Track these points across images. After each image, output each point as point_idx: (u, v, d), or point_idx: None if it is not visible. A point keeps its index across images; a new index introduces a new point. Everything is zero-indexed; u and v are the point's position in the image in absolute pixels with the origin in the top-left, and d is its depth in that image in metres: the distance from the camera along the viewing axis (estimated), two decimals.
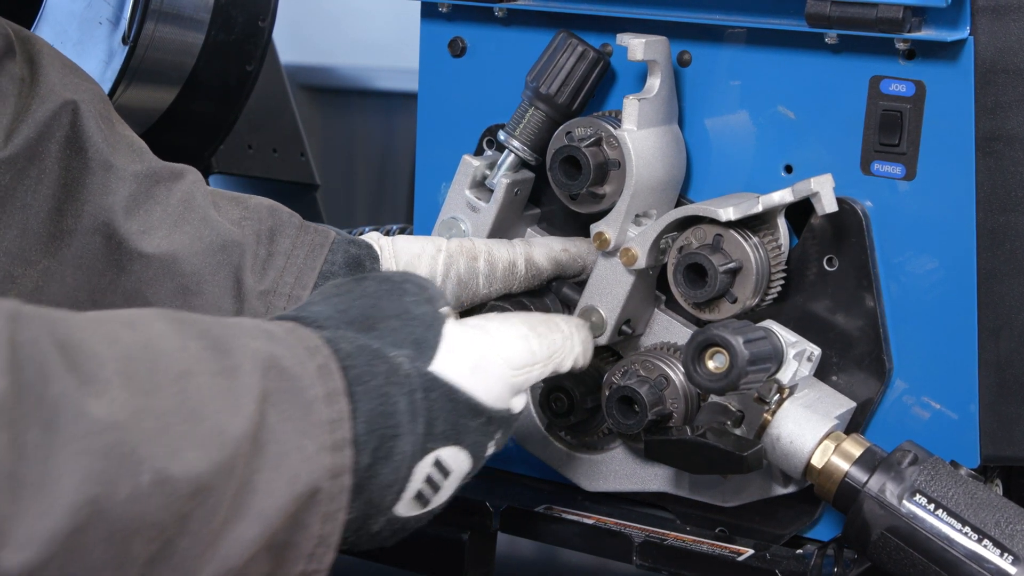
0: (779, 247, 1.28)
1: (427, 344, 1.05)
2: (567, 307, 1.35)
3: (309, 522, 0.96)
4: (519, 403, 1.11)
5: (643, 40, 1.28)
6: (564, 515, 1.35)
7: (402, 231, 1.61)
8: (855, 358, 1.29)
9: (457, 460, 1.05)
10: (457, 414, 1.05)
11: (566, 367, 1.16)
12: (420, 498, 1.04)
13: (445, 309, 1.08)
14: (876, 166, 1.27)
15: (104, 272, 1.25)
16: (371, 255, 1.30)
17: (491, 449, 1.09)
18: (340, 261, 1.29)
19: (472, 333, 1.08)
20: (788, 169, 1.30)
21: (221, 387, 0.92)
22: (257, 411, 0.93)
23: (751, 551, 1.29)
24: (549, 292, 1.36)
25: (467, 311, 1.33)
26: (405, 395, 1.01)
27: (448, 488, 1.06)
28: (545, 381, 1.37)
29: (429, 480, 1.04)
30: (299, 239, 1.29)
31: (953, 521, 1.19)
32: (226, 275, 1.26)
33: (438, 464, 1.04)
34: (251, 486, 0.92)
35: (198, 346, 0.92)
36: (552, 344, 1.14)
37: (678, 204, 1.34)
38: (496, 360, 1.09)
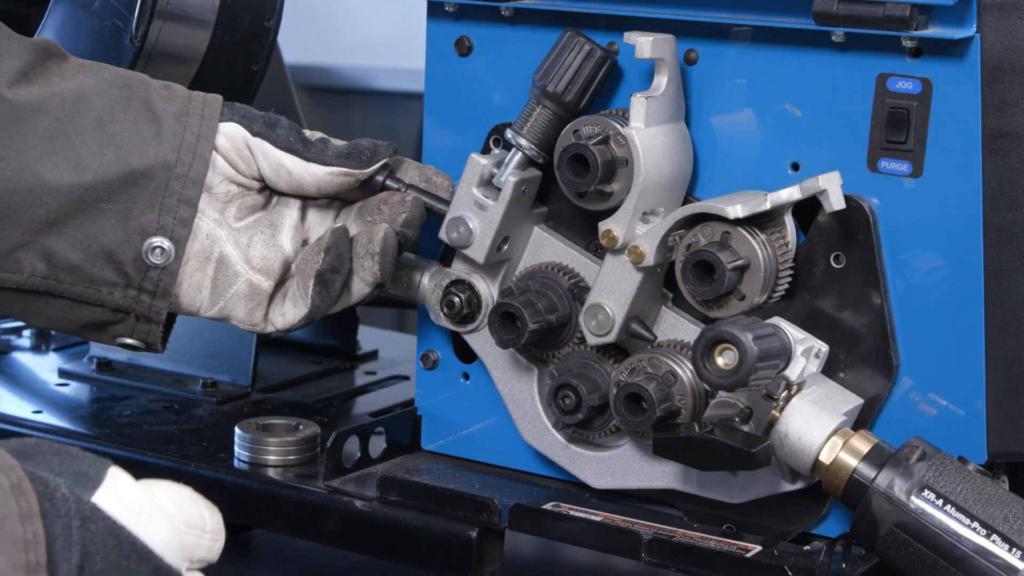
0: (786, 244, 1.28)
1: (89, 477, 0.98)
2: (580, 304, 1.35)
3: None
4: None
5: (650, 38, 1.29)
6: (572, 512, 1.36)
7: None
8: (862, 355, 1.30)
9: None
10: (120, 553, 0.97)
11: (215, 554, 1.06)
12: None
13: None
14: (883, 163, 1.28)
15: (20, 119, 1.31)
16: None
17: None
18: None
19: (139, 483, 1.01)
20: (795, 167, 1.31)
21: None
22: None
23: (759, 547, 1.29)
24: (557, 288, 1.37)
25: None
26: (60, 519, 0.94)
27: None
28: (552, 379, 1.37)
29: None
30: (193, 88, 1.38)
31: (962, 517, 1.20)
32: (137, 105, 1.33)
33: None
34: None
35: None
36: (219, 522, 1.06)
37: (685, 202, 1.34)
38: (167, 508, 1.01)
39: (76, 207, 1.31)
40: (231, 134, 1.36)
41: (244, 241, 1.37)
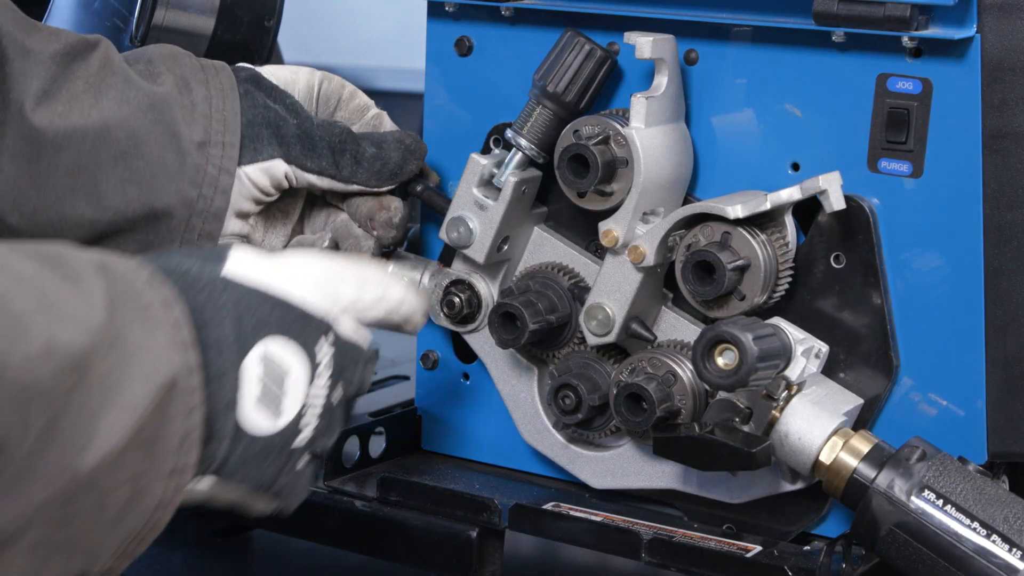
0: (787, 245, 1.28)
1: (215, 257, 1.06)
2: (580, 304, 1.35)
3: (172, 415, 0.98)
4: (347, 324, 1.10)
5: (650, 38, 1.29)
6: (572, 512, 1.35)
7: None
8: (862, 355, 1.30)
9: (287, 357, 1.05)
10: (266, 309, 1.05)
11: (393, 298, 1.14)
12: (265, 404, 1.04)
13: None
14: (883, 164, 1.28)
15: (41, 156, 1.29)
16: (258, 75, 1.37)
17: (323, 354, 1.07)
18: (243, 91, 1.35)
19: (264, 254, 1.09)
20: (795, 167, 1.31)
21: (70, 288, 0.95)
22: (106, 309, 0.96)
23: (759, 548, 1.29)
24: (557, 288, 1.37)
25: None
26: (201, 293, 1.02)
27: (294, 395, 1.05)
28: (552, 379, 1.37)
29: (266, 380, 1.04)
30: (210, 84, 1.33)
31: (962, 517, 1.19)
32: (162, 132, 1.31)
33: (268, 360, 1.04)
34: (113, 378, 0.95)
35: (34, 263, 0.96)
36: (362, 271, 1.13)
37: (686, 202, 1.34)
38: (294, 265, 1.09)
39: (96, 238, 1.32)
40: (274, 174, 1.36)
41: (259, 237, 1.40)
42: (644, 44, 1.29)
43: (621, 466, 1.39)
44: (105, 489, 0.96)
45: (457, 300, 1.41)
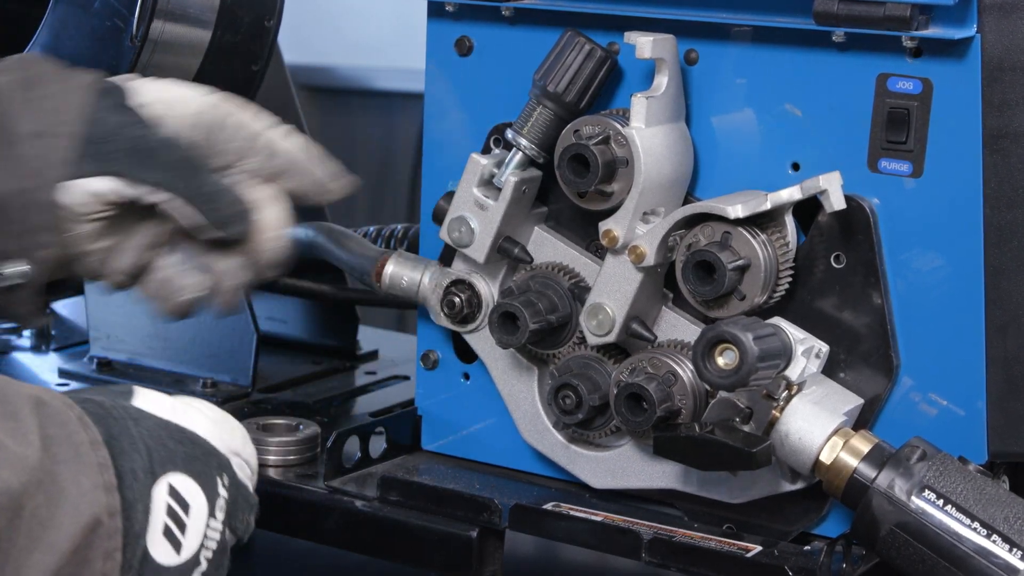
0: (787, 244, 1.28)
1: (123, 394, 1.11)
2: (581, 304, 1.35)
3: (92, 558, 1.01)
4: (237, 466, 1.15)
5: (651, 38, 1.29)
6: (572, 512, 1.35)
7: (405, 232, 1.61)
8: (862, 355, 1.30)
9: (190, 490, 1.09)
10: (173, 440, 1.09)
11: (249, 454, 1.19)
12: (170, 536, 1.07)
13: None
14: (883, 163, 1.28)
15: None
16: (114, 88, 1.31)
17: (222, 491, 1.11)
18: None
19: (162, 395, 1.14)
20: (795, 167, 1.31)
21: (9, 427, 0.98)
22: (41, 448, 0.99)
23: (759, 547, 1.29)
24: (557, 288, 1.37)
25: None
26: (117, 422, 1.06)
27: (195, 529, 1.09)
28: (552, 379, 1.37)
29: (171, 512, 1.07)
30: (65, 82, 1.29)
31: (962, 517, 1.20)
32: None
33: (174, 493, 1.07)
34: (42, 517, 0.98)
35: None
36: (237, 427, 1.18)
37: (686, 202, 1.34)
38: (196, 406, 1.14)
39: None
40: (95, 188, 1.29)
41: (99, 258, 1.36)
42: (644, 44, 1.29)
43: (621, 466, 1.39)
44: None
45: (457, 300, 1.42)
